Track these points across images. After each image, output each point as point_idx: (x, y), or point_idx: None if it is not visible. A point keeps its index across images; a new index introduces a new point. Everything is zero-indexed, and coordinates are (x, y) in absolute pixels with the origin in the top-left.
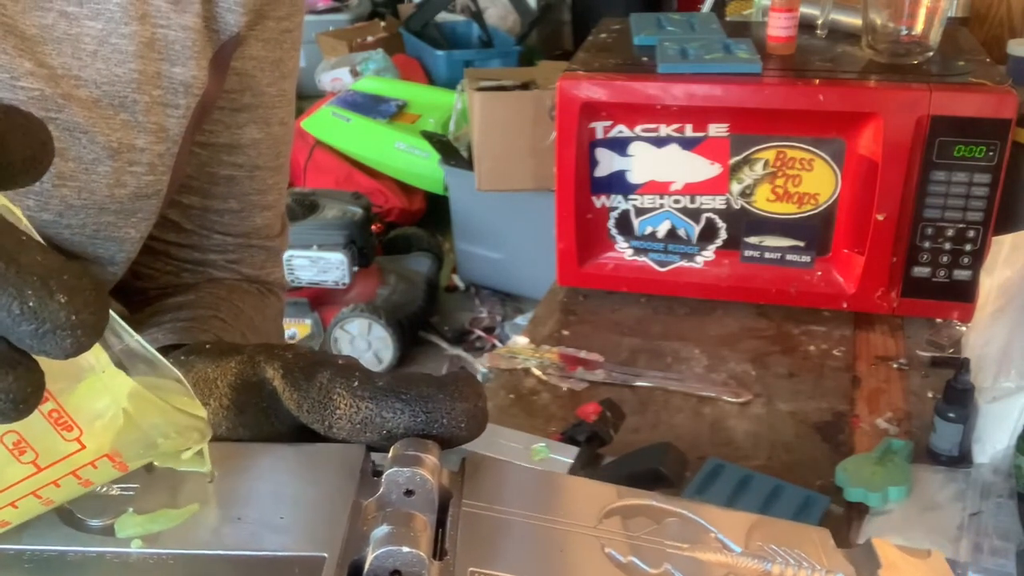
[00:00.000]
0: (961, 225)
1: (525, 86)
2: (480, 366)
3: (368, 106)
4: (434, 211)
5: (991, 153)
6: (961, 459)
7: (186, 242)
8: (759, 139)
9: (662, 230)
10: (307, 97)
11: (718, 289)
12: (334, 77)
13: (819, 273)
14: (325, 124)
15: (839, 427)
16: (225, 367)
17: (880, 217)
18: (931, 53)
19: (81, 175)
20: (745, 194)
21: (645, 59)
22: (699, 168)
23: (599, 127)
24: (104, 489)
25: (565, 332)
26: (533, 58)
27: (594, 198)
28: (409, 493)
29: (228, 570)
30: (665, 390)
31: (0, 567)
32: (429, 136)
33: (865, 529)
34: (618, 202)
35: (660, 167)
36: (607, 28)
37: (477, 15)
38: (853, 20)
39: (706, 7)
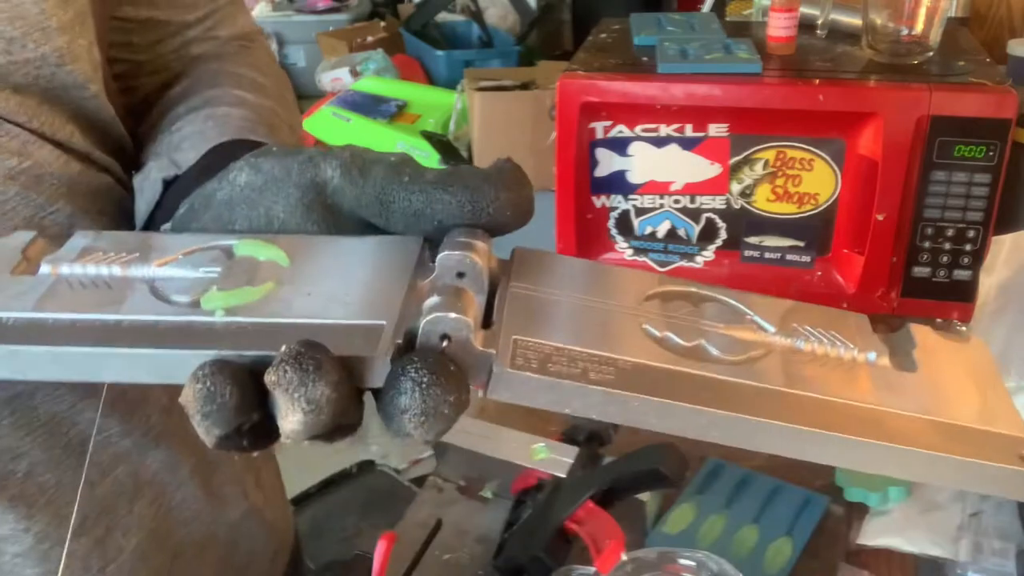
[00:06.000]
0: (961, 225)
1: (525, 86)
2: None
3: (368, 106)
4: None
5: (991, 153)
6: None
7: (154, 37)
8: (759, 139)
9: (662, 230)
10: (307, 97)
11: None
12: (334, 77)
13: (819, 273)
14: (325, 124)
15: None
16: (289, 167)
17: (880, 217)
18: (931, 53)
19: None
20: (745, 194)
21: (645, 59)
22: (699, 168)
23: (599, 127)
24: (187, 272)
25: None
26: (533, 58)
27: (594, 198)
28: (460, 275)
29: (299, 336)
30: None
31: (99, 336)
32: (429, 136)
33: (865, 529)
34: (618, 202)
35: (660, 167)
36: (607, 28)
37: (477, 15)
38: (853, 20)
39: (706, 7)
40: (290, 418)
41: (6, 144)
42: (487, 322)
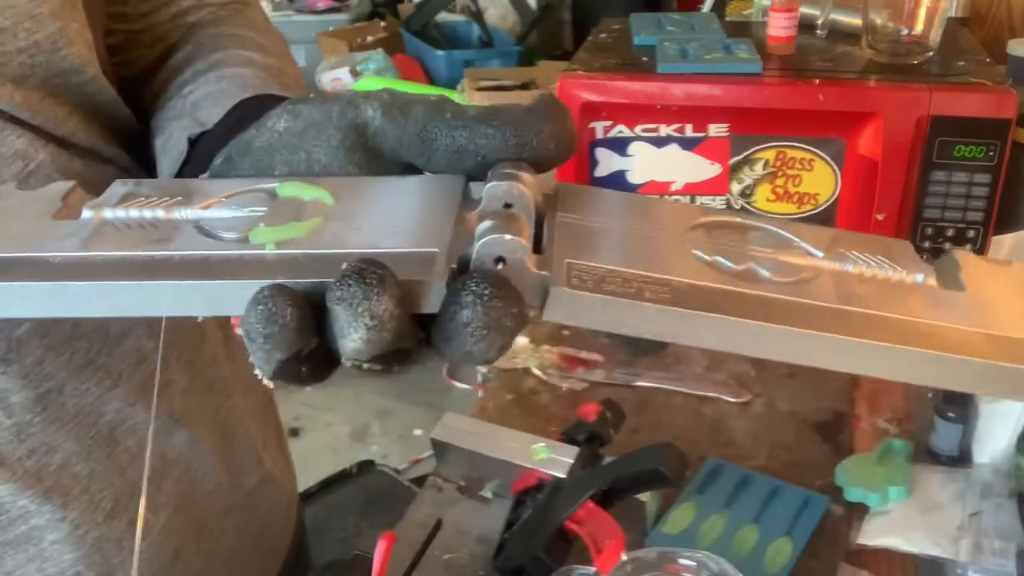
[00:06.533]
0: (961, 225)
1: (525, 86)
2: (480, 366)
3: None
4: None
5: (991, 153)
6: (961, 459)
7: (148, 7)
8: (759, 139)
9: None
10: None
11: None
12: (334, 77)
13: None
14: None
15: (839, 427)
16: (329, 110)
17: (880, 217)
18: (931, 53)
19: None
20: (745, 194)
21: (645, 59)
22: (699, 168)
23: (599, 127)
24: (233, 212)
25: (565, 332)
26: (533, 58)
27: None
28: (508, 206)
29: None
30: (665, 390)
31: (150, 270)
32: None
33: (865, 529)
34: None
35: (660, 167)
36: (607, 28)
37: (477, 15)
38: (853, 20)
39: (706, 7)
40: (353, 336)
41: (13, 143)
42: (537, 249)
